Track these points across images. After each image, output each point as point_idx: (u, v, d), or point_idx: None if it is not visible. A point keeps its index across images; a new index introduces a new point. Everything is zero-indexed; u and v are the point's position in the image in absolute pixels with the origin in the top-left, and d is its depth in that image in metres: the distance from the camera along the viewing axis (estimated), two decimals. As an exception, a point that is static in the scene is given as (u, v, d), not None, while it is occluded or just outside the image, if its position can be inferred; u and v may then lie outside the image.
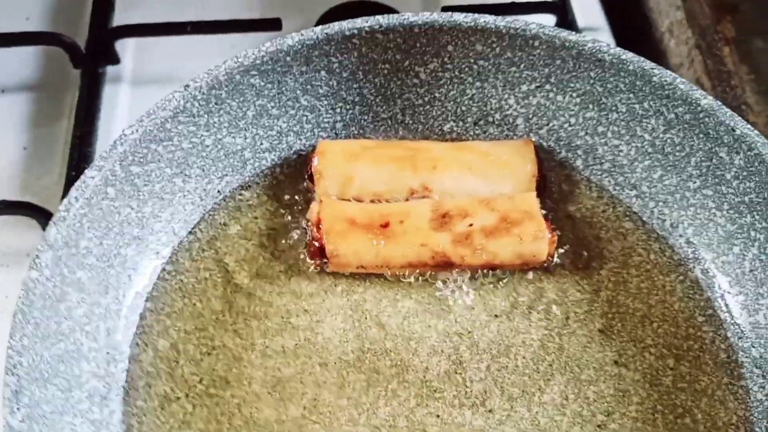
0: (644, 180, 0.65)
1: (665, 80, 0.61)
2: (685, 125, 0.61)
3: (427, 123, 0.69)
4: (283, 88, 0.64)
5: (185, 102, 0.60)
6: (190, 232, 0.64)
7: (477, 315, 0.61)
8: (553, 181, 0.67)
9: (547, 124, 0.68)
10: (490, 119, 0.69)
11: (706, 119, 0.60)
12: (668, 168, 0.64)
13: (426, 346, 0.60)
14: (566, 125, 0.67)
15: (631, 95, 0.63)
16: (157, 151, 0.60)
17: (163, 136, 0.60)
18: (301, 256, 0.63)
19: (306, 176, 0.66)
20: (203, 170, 0.64)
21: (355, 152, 0.65)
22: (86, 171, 0.56)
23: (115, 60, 0.81)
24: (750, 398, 0.57)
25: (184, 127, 0.61)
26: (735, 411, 0.57)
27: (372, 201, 0.65)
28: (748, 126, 0.58)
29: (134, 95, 0.79)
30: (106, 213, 0.58)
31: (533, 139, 0.67)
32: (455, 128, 0.69)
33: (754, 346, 0.59)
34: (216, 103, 0.62)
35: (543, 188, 0.65)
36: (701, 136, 0.61)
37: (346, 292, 0.62)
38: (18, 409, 0.49)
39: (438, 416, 0.57)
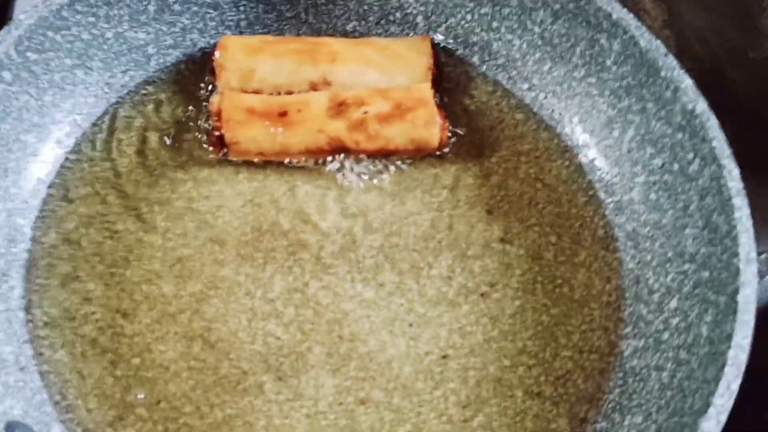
0: (535, 73, 0.68)
1: (548, -30, 0.63)
2: (569, 14, 0.64)
3: (330, 22, 0.71)
4: (184, -17, 0.66)
5: (82, -10, 0.61)
6: (93, 124, 0.65)
7: (372, 199, 0.64)
8: (450, 77, 0.70)
9: (445, 22, 0.70)
10: (391, 18, 0.71)
11: (587, 7, 0.62)
12: (556, 60, 0.67)
13: (322, 228, 0.62)
14: (463, 22, 0.69)
15: (520, -13, 0.65)
16: (55, 39, 0.61)
17: (61, 24, 0.61)
18: (204, 147, 0.65)
19: (208, 70, 0.67)
20: (105, 63, 0.65)
21: (255, 47, 0.67)
22: (-22, 54, 0.57)
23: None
24: (622, 268, 0.61)
25: (82, 17, 0.62)
26: (609, 280, 0.61)
27: (275, 94, 0.67)
28: (624, 10, 0.61)
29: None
30: (3, 97, 0.59)
31: (432, 37, 0.70)
32: (358, 27, 0.71)
33: (628, 222, 0.63)
34: (114, -6, 0.63)
35: (439, 82, 0.68)
36: (584, 24, 0.63)
37: (247, 180, 0.64)
38: None
39: (330, 289, 0.60)
